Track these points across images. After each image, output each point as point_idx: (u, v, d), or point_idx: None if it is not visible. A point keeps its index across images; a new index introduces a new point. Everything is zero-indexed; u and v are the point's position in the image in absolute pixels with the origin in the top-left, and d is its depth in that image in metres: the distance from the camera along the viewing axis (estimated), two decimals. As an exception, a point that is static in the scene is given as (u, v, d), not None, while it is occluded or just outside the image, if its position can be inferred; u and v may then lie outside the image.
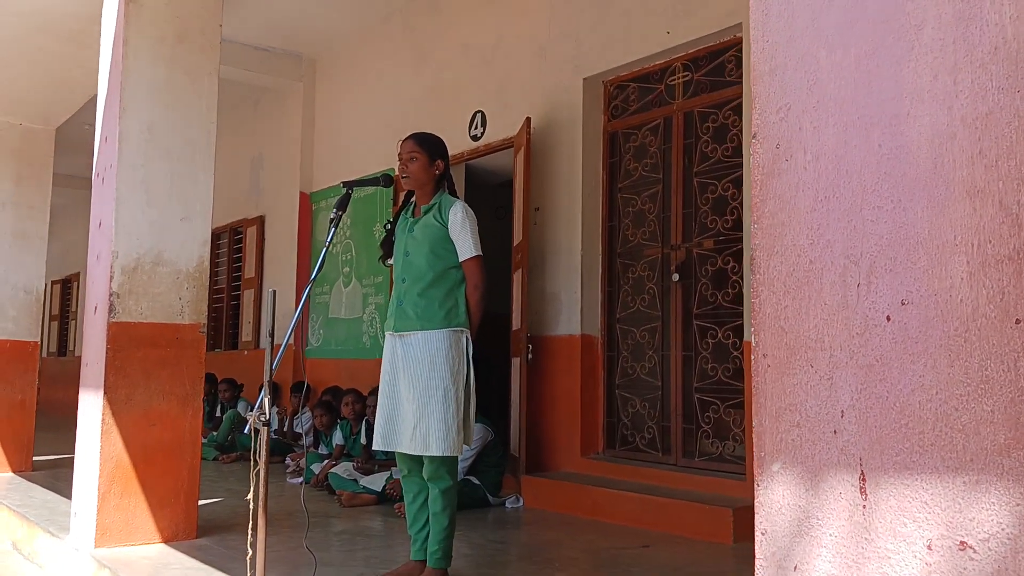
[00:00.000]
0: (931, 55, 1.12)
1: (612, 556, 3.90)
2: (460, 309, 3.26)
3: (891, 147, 1.16)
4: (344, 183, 3.28)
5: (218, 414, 8.37)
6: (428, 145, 3.39)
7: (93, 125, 4.40)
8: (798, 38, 1.29)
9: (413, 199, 3.46)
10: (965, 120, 1.08)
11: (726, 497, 4.34)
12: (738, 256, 4.63)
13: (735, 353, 4.67)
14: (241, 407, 7.99)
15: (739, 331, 4.61)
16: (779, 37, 1.32)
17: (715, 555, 3.88)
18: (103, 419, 3.88)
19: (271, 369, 2.99)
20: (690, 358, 4.93)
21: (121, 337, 3.95)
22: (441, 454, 3.09)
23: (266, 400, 2.94)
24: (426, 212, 3.35)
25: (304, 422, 7.39)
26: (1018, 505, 1.00)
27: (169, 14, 4.14)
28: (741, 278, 4.60)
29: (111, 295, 3.94)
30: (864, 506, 1.16)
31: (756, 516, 1.30)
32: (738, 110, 4.69)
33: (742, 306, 4.55)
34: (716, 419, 4.76)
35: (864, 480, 1.16)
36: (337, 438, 6.31)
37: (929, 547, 1.08)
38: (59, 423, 7.99)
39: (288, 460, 6.87)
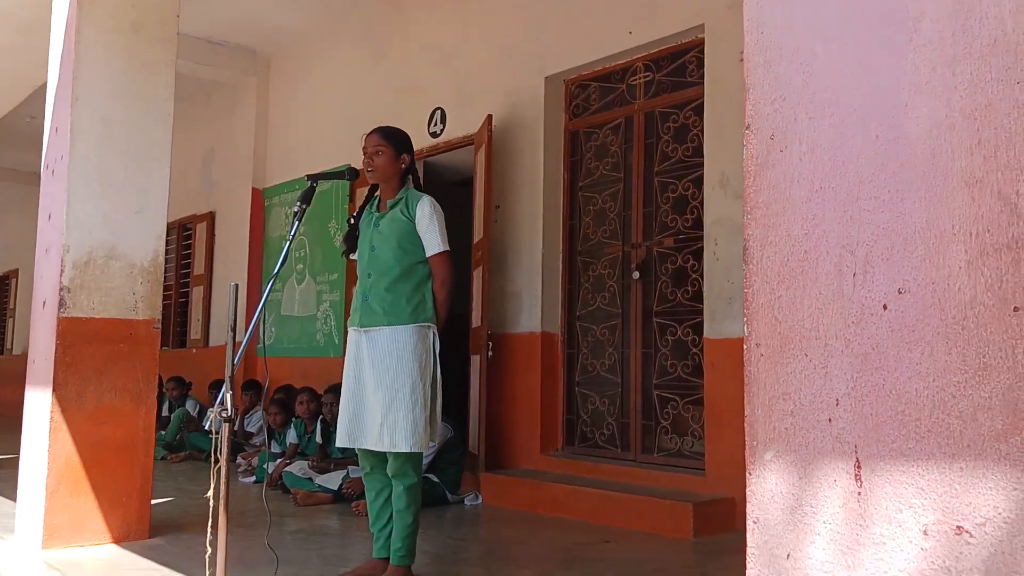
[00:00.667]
0: (930, 47, 1.14)
1: (573, 552, 3.91)
2: (427, 304, 3.23)
3: (889, 138, 1.17)
4: (308, 176, 3.22)
5: (164, 413, 8.18)
6: (394, 139, 3.35)
7: (36, 118, 4.28)
8: (793, 30, 1.30)
9: (378, 193, 3.42)
10: (964, 111, 1.10)
11: (686, 492, 4.38)
12: (698, 254, 4.68)
13: (694, 350, 4.71)
14: (190, 406, 7.83)
15: (698, 328, 4.65)
16: (773, 29, 1.33)
17: (676, 550, 3.91)
18: (52, 417, 3.76)
19: (233, 364, 2.93)
20: (649, 355, 4.97)
21: (71, 333, 3.84)
22: (408, 450, 3.05)
23: (227, 396, 2.88)
24: (392, 206, 3.31)
25: (255, 421, 7.27)
26: (1015, 490, 1.02)
27: (125, 4, 4.03)
28: (701, 276, 4.64)
29: (61, 289, 3.82)
30: (859, 493, 1.17)
31: (748, 504, 1.30)
32: (699, 110, 4.73)
33: (702, 304, 4.60)
34: (675, 415, 4.80)
35: (859, 467, 1.17)
36: (291, 437, 6.22)
37: (925, 532, 1.10)
38: (-1, 423, 7.73)
39: (239, 459, 6.75)
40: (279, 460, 5.93)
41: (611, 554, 3.84)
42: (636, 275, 5.04)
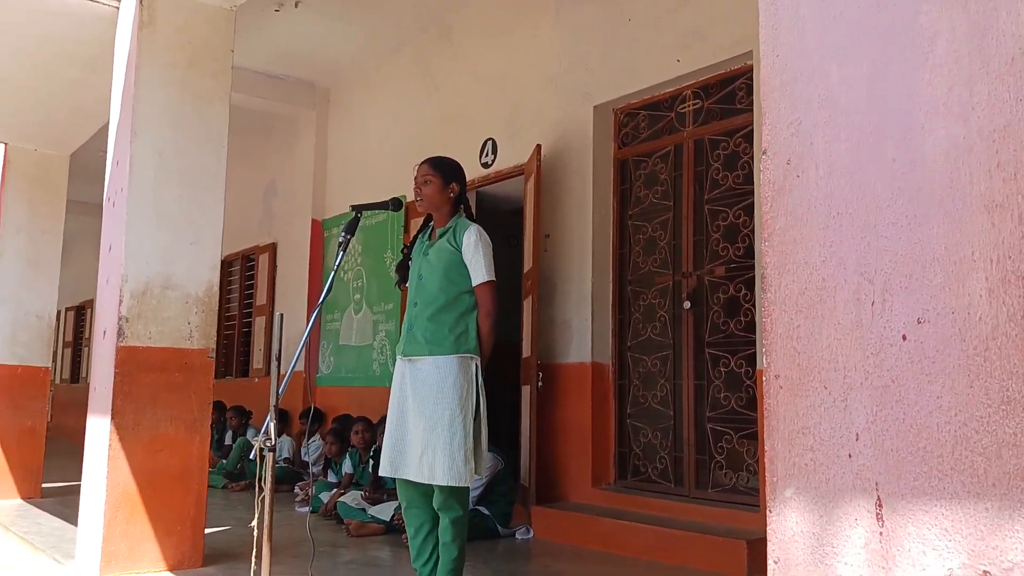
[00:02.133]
0: (945, 67, 1.10)
1: (623, 588, 3.82)
2: (471, 335, 3.22)
3: (905, 161, 1.13)
4: (353, 206, 3.27)
5: (227, 442, 8.34)
6: (442, 168, 3.37)
7: (106, 152, 4.42)
8: (808, 53, 1.27)
9: (432, 223, 3.44)
10: (982, 132, 1.05)
11: (740, 529, 4.26)
12: (750, 284, 4.59)
13: (748, 382, 4.61)
14: (250, 435, 7.95)
15: (752, 359, 4.55)
16: (789, 52, 1.29)
17: (728, 588, 3.80)
18: (110, 444, 3.85)
19: (277, 393, 2.96)
20: (702, 387, 4.87)
21: (129, 361, 3.94)
22: (446, 483, 3.03)
23: (272, 425, 2.91)
24: (441, 236, 3.33)
25: (312, 450, 7.35)
26: (1043, 532, 0.96)
27: (181, 40, 4.17)
28: (753, 306, 4.55)
29: (120, 319, 3.93)
30: (881, 533, 1.11)
31: (768, 544, 1.25)
32: (749, 137, 4.67)
33: (755, 334, 4.50)
34: (729, 449, 4.69)
35: (880, 506, 1.11)
36: (346, 466, 6.26)
37: (950, 576, 1.03)
38: (70, 450, 7.97)
39: (297, 489, 6.82)
40: (334, 490, 5.97)
41: (660, 590, 3.75)
42: (687, 305, 4.96)
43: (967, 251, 1.05)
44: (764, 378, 1.28)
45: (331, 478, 6.51)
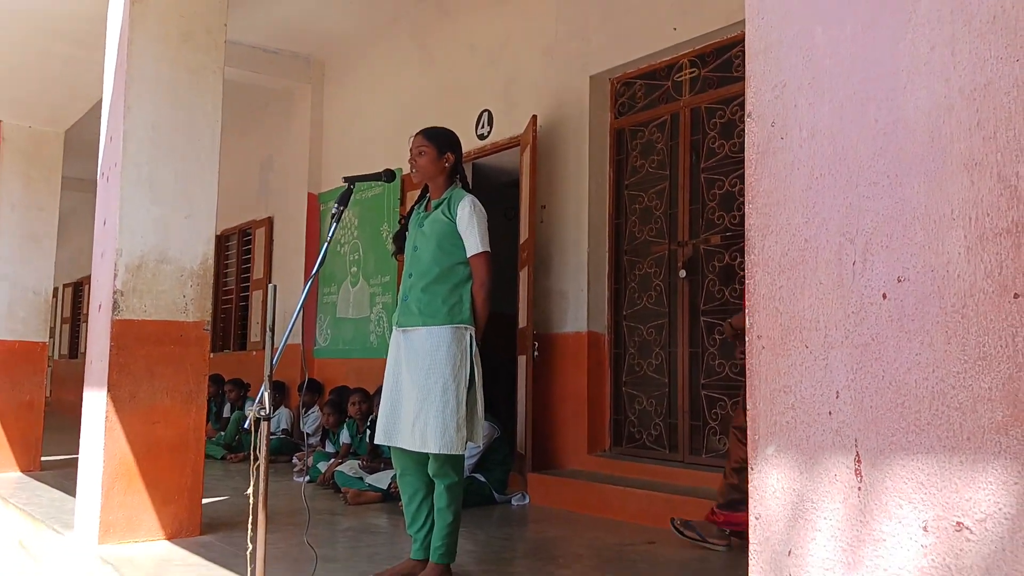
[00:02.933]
0: (928, 26, 1.10)
1: (617, 552, 3.87)
2: (464, 305, 3.23)
3: (888, 121, 1.14)
4: (345, 178, 3.27)
5: (225, 414, 8.38)
6: (437, 139, 3.37)
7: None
8: (793, 14, 1.27)
9: (428, 194, 3.44)
10: (963, 91, 1.06)
11: (733, 495, 4.30)
12: (744, 252, 4.59)
13: (741, 348, 4.63)
14: (248, 407, 7.99)
15: (746, 328, 4.56)
16: (774, 14, 1.30)
17: (720, 551, 3.85)
18: (107, 416, 3.87)
19: (271, 364, 2.98)
20: (697, 355, 4.90)
21: (125, 335, 3.95)
22: (438, 451, 3.05)
23: (266, 395, 2.93)
24: (436, 206, 3.33)
25: (311, 421, 7.40)
26: (1016, 484, 0.98)
27: (174, 13, 4.14)
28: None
29: (115, 292, 3.94)
30: (859, 488, 1.13)
31: (750, 501, 1.27)
32: (744, 105, 4.65)
33: (749, 302, 4.51)
34: (723, 416, 4.72)
35: (859, 462, 1.13)
36: (344, 437, 6.31)
37: (925, 528, 1.06)
38: (69, 424, 8.01)
39: (295, 459, 6.87)
40: (332, 460, 6.02)
41: (655, 555, 3.80)
42: (683, 274, 4.97)
43: (946, 209, 1.06)
44: (747, 338, 1.30)
45: (329, 448, 6.56)
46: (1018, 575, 0.96)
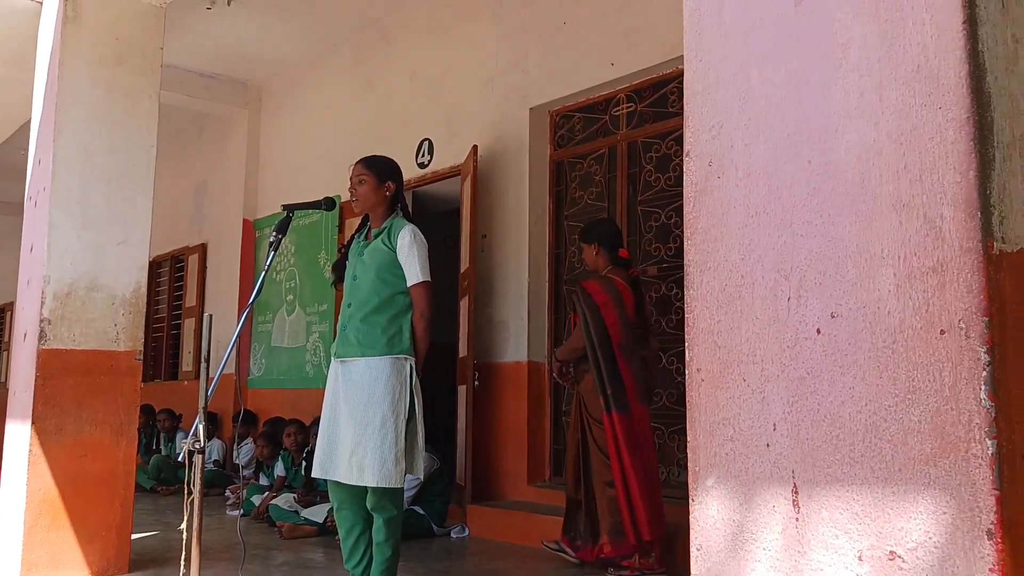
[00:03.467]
0: (858, 73, 1.15)
1: (557, 585, 3.86)
2: (404, 336, 3.21)
3: (820, 163, 1.18)
4: (284, 206, 3.23)
5: (155, 446, 8.15)
6: (377, 167, 3.36)
7: (27, 150, 4.29)
8: (730, 57, 1.31)
9: (368, 223, 3.42)
10: (891, 135, 1.11)
11: (672, 523, 4.33)
12: (680, 283, 4.68)
13: (679, 378, 4.70)
14: (180, 438, 7.79)
15: (682, 356, 4.62)
16: (712, 56, 1.34)
17: (660, 582, 3.87)
18: (30, 450, 3.74)
19: (206, 395, 2.92)
20: (635, 385, 4.94)
21: (52, 364, 3.83)
22: (375, 484, 3.01)
23: (201, 427, 2.87)
24: (376, 235, 3.31)
25: (244, 453, 7.23)
26: (944, 513, 1.01)
27: (108, 36, 4.07)
28: (683, 304, 4.63)
29: (42, 321, 3.82)
30: (797, 519, 1.16)
31: (691, 532, 1.29)
32: (680, 140, 4.74)
33: (684, 332, 4.58)
34: (660, 445, 4.77)
35: (796, 493, 1.16)
36: (279, 469, 6.18)
37: (860, 558, 1.09)
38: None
39: (228, 492, 6.70)
40: (266, 493, 5.89)
41: (594, 586, 3.80)
42: (621, 304, 5.03)
43: (877, 248, 1.11)
44: (687, 371, 1.32)
45: (263, 481, 6.42)
46: (947, 603, 1.00)
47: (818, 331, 1.15)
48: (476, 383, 5.41)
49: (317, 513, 5.13)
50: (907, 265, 1.08)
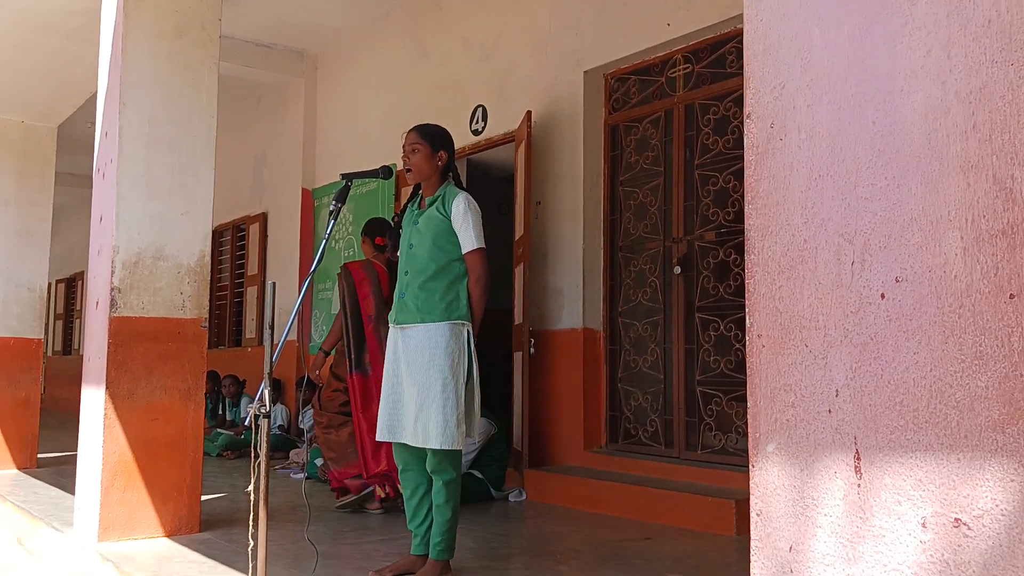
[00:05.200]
0: (924, 30, 1.12)
1: (614, 548, 3.90)
2: (461, 302, 3.25)
3: (885, 124, 1.15)
4: (343, 175, 3.28)
5: (220, 411, 8.39)
6: (430, 136, 3.38)
7: (94, 123, 4.40)
8: (791, 16, 1.28)
9: (420, 191, 3.45)
10: (959, 94, 1.07)
11: (729, 489, 4.34)
12: (739, 248, 4.62)
13: (737, 345, 4.66)
14: (244, 403, 8.01)
15: (741, 323, 4.60)
16: (772, 16, 1.31)
17: (718, 547, 3.88)
18: (105, 414, 3.88)
19: (271, 361, 2.99)
20: (692, 351, 4.93)
21: (123, 332, 3.96)
22: (440, 447, 3.08)
23: (266, 392, 2.94)
24: (431, 204, 3.34)
25: (308, 418, 7.40)
26: (1012, 481, 1.00)
27: (168, 9, 4.14)
28: (742, 270, 4.57)
29: (112, 290, 3.94)
30: (859, 485, 1.15)
31: (751, 498, 1.29)
32: (739, 101, 4.67)
33: (744, 297, 4.53)
34: (719, 412, 4.75)
35: (859, 459, 1.15)
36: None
37: (923, 525, 1.08)
38: (64, 421, 8.02)
39: (292, 456, 6.88)
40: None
41: (652, 550, 3.82)
42: (677, 270, 4.99)
43: (943, 211, 1.08)
44: (747, 337, 1.31)
45: None
46: (1014, 570, 0.98)
47: (882, 296, 1.14)
48: (532, 350, 5.44)
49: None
50: (975, 228, 1.05)
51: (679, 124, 5.09)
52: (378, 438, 3.31)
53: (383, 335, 4.42)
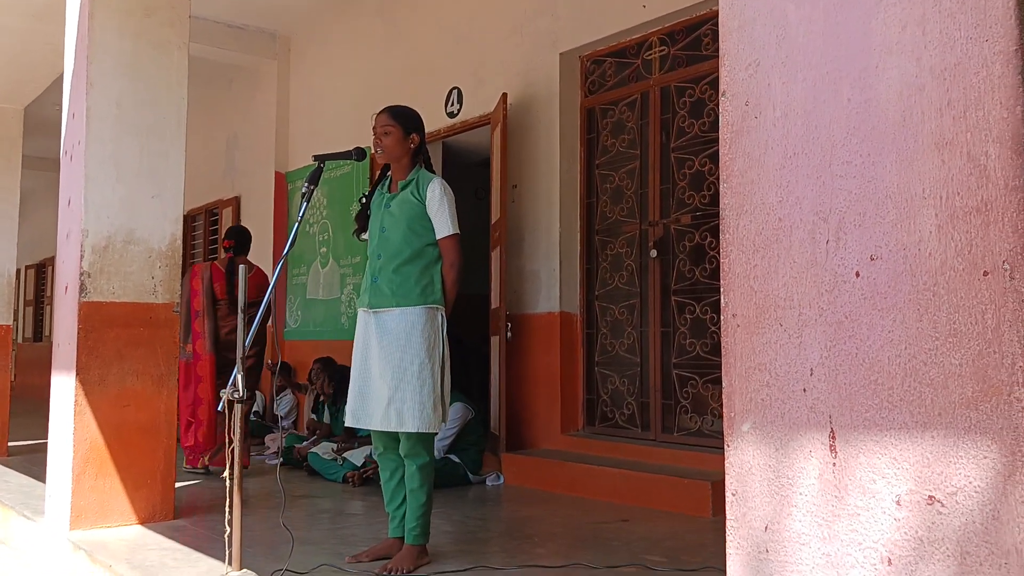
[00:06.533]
0: (899, 5, 1.11)
1: (592, 531, 3.91)
2: (436, 286, 3.23)
3: (860, 101, 1.14)
4: (315, 156, 3.24)
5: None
6: (402, 118, 3.34)
7: (60, 105, 4.31)
8: (767, -8, 1.27)
9: (389, 173, 3.42)
10: (934, 71, 1.07)
11: (705, 471, 4.36)
12: (715, 231, 4.63)
13: (713, 328, 4.68)
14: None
15: (716, 306, 4.61)
16: (748, -8, 1.30)
17: (694, 528, 3.90)
18: (76, 400, 3.83)
19: (244, 347, 2.96)
20: (668, 334, 4.94)
21: (93, 317, 3.90)
22: (416, 430, 3.07)
23: (239, 377, 2.91)
24: (403, 188, 3.31)
25: (284, 404, 7.36)
26: (985, 458, 1.00)
27: (136, -13, 4.06)
28: (718, 253, 4.59)
29: (82, 274, 3.88)
30: (834, 464, 1.15)
31: (727, 477, 1.29)
32: (715, 84, 4.65)
33: (719, 281, 4.54)
34: (694, 394, 4.77)
35: (834, 438, 1.15)
36: (325, 417, 6.30)
37: (898, 503, 1.08)
38: (35, 408, 7.89)
39: (267, 441, 6.84)
40: (311, 439, 6.02)
41: (628, 532, 3.84)
42: (653, 253, 5.00)
43: (918, 188, 1.08)
44: (722, 317, 1.31)
45: (326, 418, 6.44)
46: (988, 547, 0.99)
47: (857, 274, 1.13)
48: (509, 334, 5.43)
49: (356, 456, 5.22)
50: (949, 205, 1.05)
51: (655, 107, 5.08)
52: (346, 423, 3.29)
53: (209, 327, 5.48)
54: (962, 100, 1.03)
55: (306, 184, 3.13)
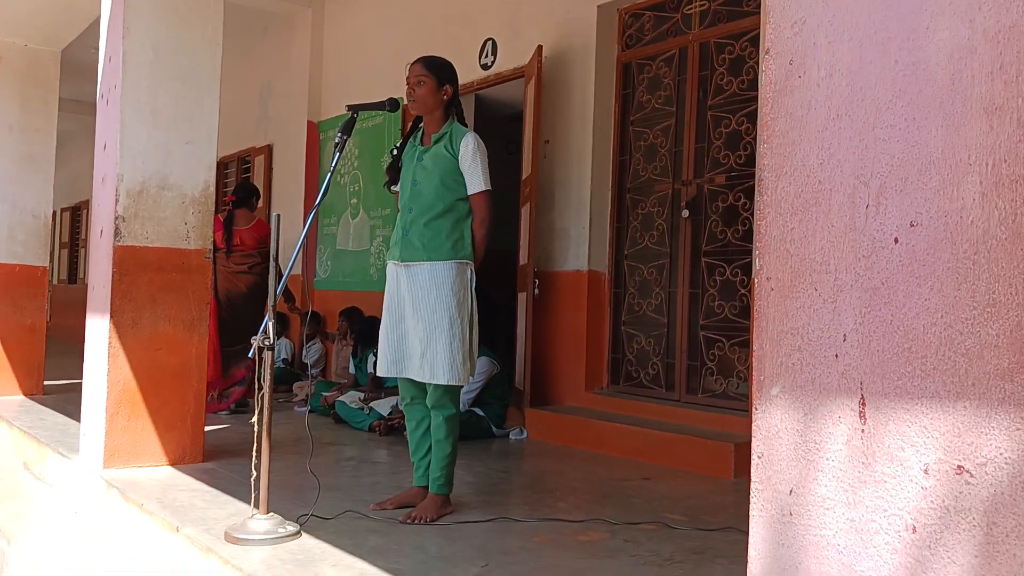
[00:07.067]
0: (955, -36, 1.07)
1: (612, 487, 3.94)
2: (466, 241, 3.23)
3: (908, 62, 1.11)
4: (349, 106, 3.22)
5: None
6: (436, 69, 3.31)
7: (98, 48, 4.32)
8: (816, -52, 1.23)
9: (421, 125, 3.40)
10: (987, 33, 1.03)
11: (728, 433, 4.37)
12: (749, 192, 4.57)
13: (742, 291, 4.64)
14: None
15: (747, 268, 4.57)
16: (796, -53, 1.26)
17: (715, 489, 3.92)
18: (110, 343, 3.90)
19: (275, 295, 2.99)
20: (697, 295, 4.91)
21: (127, 261, 3.95)
22: (446, 383, 3.10)
23: (270, 325, 2.95)
24: (436, 141, 3.29)
25: (313, 352, 7.45)
26: (1018, 430, 0.99)
27: (173, -69, 4.03)
28: (751, 215, 4.54)
29: (116, 218, 3.92)
30: (863, 430, 1.14)
31: (753, 440, 1.29)
32: (755, 41, 4.57)
33: (751, 243, 4.51)
34: (721, 356, 4.76)
35: (864, 404, 1.14)
36: (351, 368, 6.37)
37: (926, 471, 1.07)
38: (70, 349, 8.06)
39: (295, 389, 6.94)
40: (337, 388, 6.10)
41: (649, 490, 3.87)
42: (685, 213, 4.95)
43: (963, 155, 1.05)
44: (756, 280, 1.29)
45: (351, 369, 6.51)
46: (1015, 518, 0.98)
47: (896, 240, 1.11)
48: (536, 291, 5.43)
49: (383, 406, 5.29)
50: (995, 173, 1.02)
51: (693, 63, 4.99)
52: (380, 373, 3.32)
53: (220, 273, 5.81)
54: (1015, 64, 1.00)
55: (339, 134, 3.13)
